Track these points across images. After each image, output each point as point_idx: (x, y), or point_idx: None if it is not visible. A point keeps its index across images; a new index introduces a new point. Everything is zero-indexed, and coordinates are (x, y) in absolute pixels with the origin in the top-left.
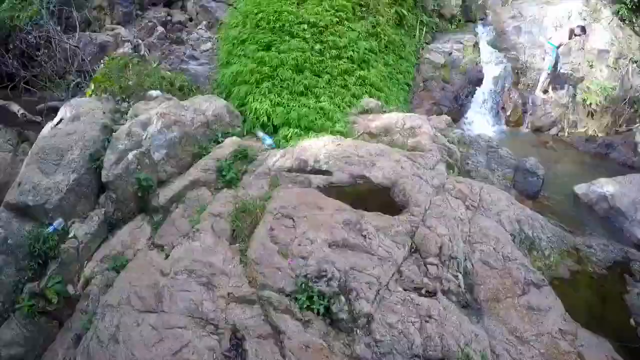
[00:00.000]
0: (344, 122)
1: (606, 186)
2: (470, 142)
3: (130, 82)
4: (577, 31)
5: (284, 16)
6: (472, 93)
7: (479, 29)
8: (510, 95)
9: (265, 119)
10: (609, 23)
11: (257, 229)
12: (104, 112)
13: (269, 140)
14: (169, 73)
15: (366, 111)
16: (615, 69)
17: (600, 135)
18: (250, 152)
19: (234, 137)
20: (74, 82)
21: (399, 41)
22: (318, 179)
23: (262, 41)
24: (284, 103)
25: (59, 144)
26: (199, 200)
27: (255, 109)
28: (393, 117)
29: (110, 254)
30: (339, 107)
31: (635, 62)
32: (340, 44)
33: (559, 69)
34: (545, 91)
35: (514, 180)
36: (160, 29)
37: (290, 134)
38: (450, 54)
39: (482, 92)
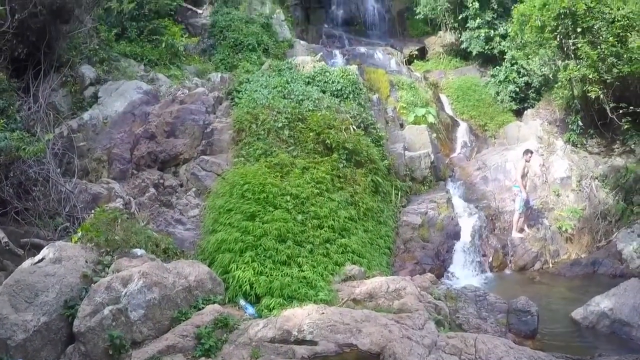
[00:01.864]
0: (328, 290)
1: (603, 303)
2: (457, 295)
3: (116, 237)
4: (527, 157)
5: (268, 188)
6: (452, 247)
7: (450, 185)
8: (489, 242)
9: (248, 287)
10: (563, 152)
11: None
12: (86, 261)
13: (250, 310)
14: (156, 234)
15: (349, 278)
16: (579, 191)
17: (583, 256)
18: (231, 321)
19: (216, 305)
20: (62, 225)
21: (377, 207)
22: (302, 350)
23: (247, 211)
24: (266, 272)
25: (35, 282)
26: None
27: (238, 277)
28: (377, 282)
29: None
30: (321, 275)
31: (596, 178)
32: (321, 214)
33: (529, 207)
34: (522, 230)
35: (509, 323)
36: (152, 190)
37: (273, 303)
38: (426, 213)
39: (462, 245)
